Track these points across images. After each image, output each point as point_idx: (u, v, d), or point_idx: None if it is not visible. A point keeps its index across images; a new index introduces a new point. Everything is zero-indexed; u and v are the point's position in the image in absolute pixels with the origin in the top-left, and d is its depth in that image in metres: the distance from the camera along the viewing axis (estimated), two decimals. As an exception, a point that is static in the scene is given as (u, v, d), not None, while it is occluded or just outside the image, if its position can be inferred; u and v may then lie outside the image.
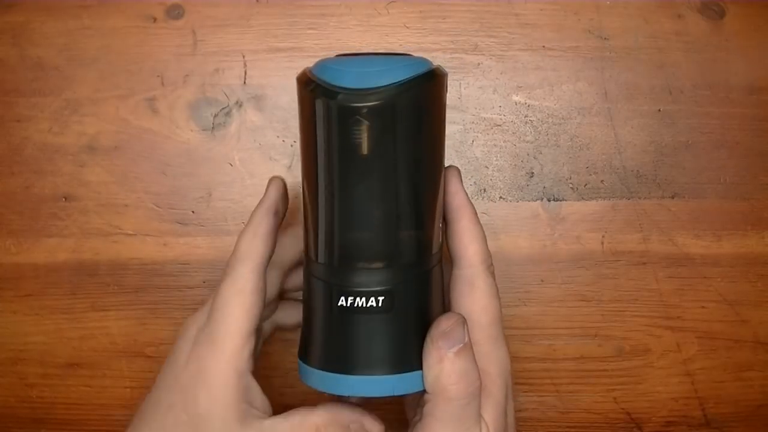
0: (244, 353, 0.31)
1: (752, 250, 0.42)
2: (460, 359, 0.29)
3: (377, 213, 0.29)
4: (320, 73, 0.28)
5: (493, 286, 0.32)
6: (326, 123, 0.28)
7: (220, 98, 0.42)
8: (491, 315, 0.31)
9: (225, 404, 0.31)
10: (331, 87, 0.28)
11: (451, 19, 0.42)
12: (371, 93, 0.27)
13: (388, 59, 0.29)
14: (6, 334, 0.42)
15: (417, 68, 0.28)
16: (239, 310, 0.31)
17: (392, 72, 0.28)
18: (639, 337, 0.42)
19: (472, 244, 0.32)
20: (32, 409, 0.42)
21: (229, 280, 0.32)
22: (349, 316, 0.29)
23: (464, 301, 0.31)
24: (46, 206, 0.42)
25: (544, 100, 0.42)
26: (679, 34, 0.42)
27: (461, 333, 0.30)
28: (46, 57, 0.42)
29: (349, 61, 0.29)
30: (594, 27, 0.42)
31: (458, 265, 0.32)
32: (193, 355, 0.32)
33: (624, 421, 0.42)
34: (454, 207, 0.32)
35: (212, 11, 0.42)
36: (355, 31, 0.42)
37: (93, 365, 0.42)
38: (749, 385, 0.42)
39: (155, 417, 0.32)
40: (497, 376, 0.31)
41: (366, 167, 0.28)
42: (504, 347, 0.32)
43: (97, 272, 0.42)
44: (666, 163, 0.42)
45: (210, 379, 0.31)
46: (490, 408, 0.31)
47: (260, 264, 0.32)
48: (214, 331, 0.31)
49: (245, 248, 0.32)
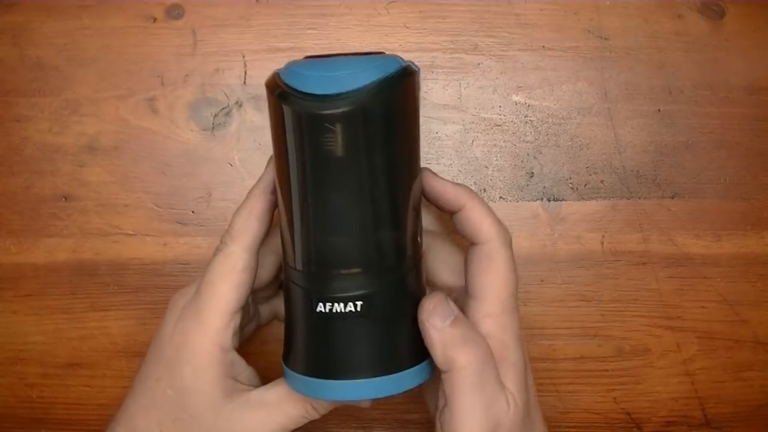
0: (228, 330, 0.32)
1: (752, 250, 0.42)
2: (458, 328, 0.29)
3: (352, 219, 0.28)
4: (288, 78, 0.28)
5: (511, 260, 0.31)
6: (296, 130, 0.28)
7: (220, 98, 0.42)
8: (510, 288, 0.31)
9: (209, 379, 0.31)
10: (299, 93, 0.27)
11: (451, 19, 0.42)
12: (339, 98, 0.27)
13: (356, 60, 0.28)
14: (6, 334, 0.42)
15: (386, 68, 0.28)
16: (227, 287, 0.31)
17: (361, 74, 0.27)
18: (639, 337, 0.42)
19: (485, 220, 0.31)
20: (32, 409, 0.42)
21: (221, 256, 0.32)
22: (328, 321, 0.29)
23: (484, 276, 0.31)
24: (46, 206, 0.42)
25: (544, 100, 0.42)
26: (679, 34, 0.42)
27: (447, 307, 0.30)
28: (46, 57, 0.42)
29: (316, 65, 0.28)
30: (594, 27, 0.42)
31: (475, 242, 0.32)
32: (179, 329, 0.32)
33: (624, 421, 0.42)
34: (450, 199, 0.32)
35: (212, 11, 0.42)
36: (355, 31, 0.42)
37: (93, 365, 0.42)
38: (749, 385, 0.42)
39: (144, 391, 0.33)
40: (516, 345, 0.31)
41: (339, 174, 0.28)
42: (518, 320, 0.32)
43: (97, 272, 0.42)
44: (666, 163, 0.42)
45: (194, 354, 0.31)
46: (512, 376, 0.30)
47: (253, 243, 0.32)
48: (201, 307, 0.32)
49: (239, 226, 0.32)
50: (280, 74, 0.28)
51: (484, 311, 0.31)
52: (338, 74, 0.27)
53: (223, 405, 0.31)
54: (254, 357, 0.41)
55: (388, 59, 0.28)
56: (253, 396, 0.32)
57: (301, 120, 0.27)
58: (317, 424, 0.34)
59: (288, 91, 0.27)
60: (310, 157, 0.28)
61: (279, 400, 0.32)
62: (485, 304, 0.31)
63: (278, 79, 0.28)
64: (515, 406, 0.30)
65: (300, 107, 0.27)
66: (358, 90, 0.27)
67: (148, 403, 0.32)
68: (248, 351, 0.41)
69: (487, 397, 0.29)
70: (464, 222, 0.32)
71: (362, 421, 0.42)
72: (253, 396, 0.32)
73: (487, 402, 0.29)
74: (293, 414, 0.32)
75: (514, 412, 0.30)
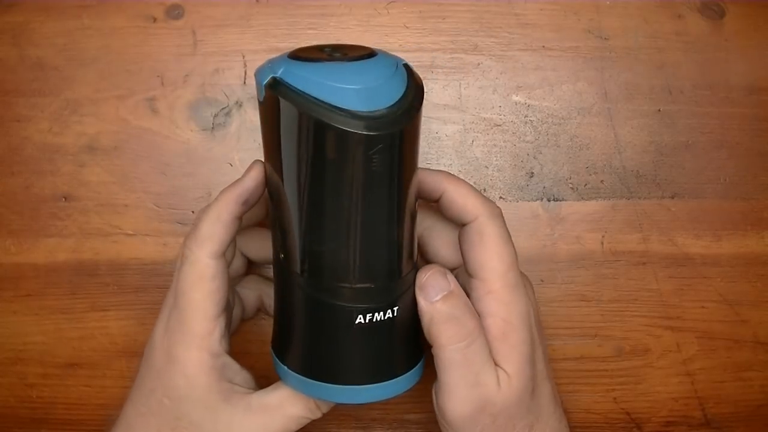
0: (215, 335, 0.31)
1: (752, 250, 0.42)
2: (446, 305, 0.29)
3: (371, 235, 0.28)
4: (303, 85, 0.25)
5: (504, 232, 0.31)
6: (323, 145, 0.26)
7: (220, 98, 0.42)
8: (507, 262, 0.30)
9: (204, 386, 0.31)
10: (334, 109, 0.25)
11: (451, 19, 0.42)
12: (381, 118, 0.25)
13: (369, 67, 0.26)
14: (6, 334, 0.42)
15: (402, 75, 0.26)
16: (201, 296, 0.31)
17: (388, 86, 0.26)
18: (639, 337, 0.42)
19: (468, 199, 0.31)
20: (32, 409, 0.42)
21: (188, 264, 0.31)
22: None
23: (476, 252, 0.31)
24: (46, 206, 0.42)
25: (544, 100, 0.42)
26: (679, 34, 0.42)
27: (442, 281, 0.30)
28: (46, 57, 0.42)
29: (328, 69, 0.26)
30: (594, 27, 0.42)
31: (464, 222, 0.31)
32: (165, 339, 0.32)
33: (624, 421, 0.42)
34: (430, 187, 0.31)
35: (212, 11, 0.42)
36: (355, 31, 0.42)
37: (93, 365, 0.42)
38: (749, 385, 0.42)
39: (141, 399, 0.32)
40: (518, 324, 0.30)
41: (367, 190, 0.27)
42: (524, 294, 0.31)
43: (97, 272, 0.41)
44: (666, 163, 0.42)
45: (184, 364, 0.31)
46: (510, 355, 0.30)
47: (219, 250, 0.31)
48: (182, 316, 0.31)
49: (206, 231, 0.31)
50: (282, 77, 0.26)
51: (485, 289, 0.30)
52: (372, 86, 0.25)
53: (222, 410, 0.31)
54: (254, 357, 0.41)
55: (390, 60, 0.27)
56: (254, 400, 0.32)
57: (334, 137, 0.25)
58: (317, 424, 0.34)
59: (312, 102, 0.25)
60: (344, 174, 0.26)
61: (280, 403, 0.32)
62: (485, 282, 0.30)
63: (287, 86, 0.26)
64: (509, 386, 0.30)
65: (342, 124, 0.25)
66: (394, 106, 0.25)
67: (146, 410, 0.32)
68: (248, 351, 0.41)
69: (472, 376, 0.29)
70: (448, 205, 0.31)
71: (362, 420, 0.42)
72: (254, 400, 0.32)
73: (473, 380, 0.29)
74: (295, 415, 0.32)
75: (507, 392, 0.30)
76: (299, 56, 0.27)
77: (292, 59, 0.27)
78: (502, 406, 0.30)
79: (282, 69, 0.27)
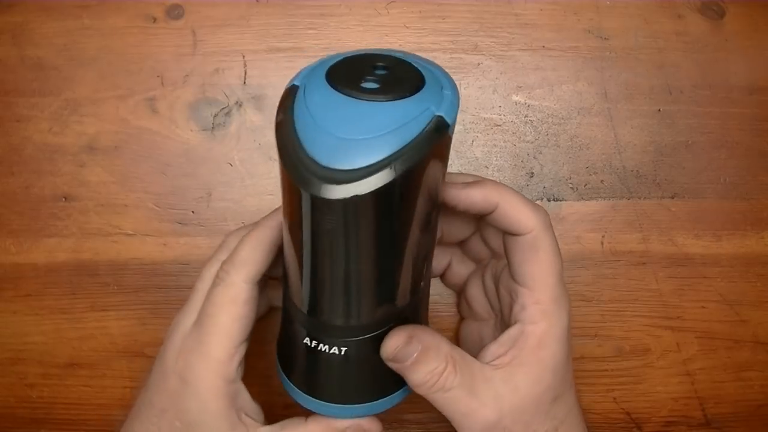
0: (233, 362, 0.31)
1: (752, 250, 0.42)
2: (416, 372, 0.29)
3: (360, 285, 0.27)
4: (299, 108, 0.23)
5: (555, 244, 0.31)
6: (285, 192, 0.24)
7: (220, 98, 0.42)
8: (556, 274, 0.31)
9: (216, 413, 0.31)
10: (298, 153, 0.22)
11: (451, 19, 0.42)
12: (338, 179, 0.21)
13: (391, 110, 0.22)
14: (6, 334, 0.42)
15: (418, 125, 0.22)
16: (230, 320, 0.30)
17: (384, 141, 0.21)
18: (639, 337, 0.42)
19: (522, 212, 0.30)
20: (32, 409, 0.42)
21: (222, 287, 0.30)
22: (326, 360, 0.30)
23: (530, 265, 0.31)
24: (46, 206, 0.42)
25: (544, 100, 0.42)
26: (679, 34, 0.42)
27: (407, 351, 0.30)
28: (46, 57, 0.42)
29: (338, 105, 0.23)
30: (594, 27, 0.42)
31: (516, 234, 0.31)
32: (182, 359, 0.31)
33: (624, 421, 0.42)
34: (481, 206, 0.30)
35: (212, 11, 0.42)
36: (355, 31, 0.42)
37: (93, 365, 0.42)
38: (749, 385, 0.42)
39: (150, 419, 0.32)
40: (559, 334, 0.31)
41: (355, 245, 0.24)
42: (566, 306, 0.31)
43: (97, 272, 0.41)
44: (666, 163, 0.42)
45: (199, 388, 0.30)
46: (537, 363, 0.31)
47: (257, 275, 0.31)
48: (204, 338, 0.30)
49: (245, 256, 0.30)
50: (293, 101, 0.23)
51: (533, 298, 0.31)
52: (356, 138, 0.21)
53: None
54: (254, 357, 0.41)
55: (422, 105, 0.23)
56: None
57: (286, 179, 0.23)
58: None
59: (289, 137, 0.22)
60: (304, 227, 0.24)
61: None
62: (534, 292, 0.31)
63: (290, 112, 0.23)
64: (528, 391, 0.30)
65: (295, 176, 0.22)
66: (372, 166, 0.21)
67: (156, 430, 0.32)
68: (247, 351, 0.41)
69: (464, 406, 0.30)
70: (501, 219, 0.31)
71: (362, 421, 0.42)
72: None
73: (465, 410, 0.30)
74: None
75: (519, 399, 0.30)
76: (336, 72, 0.24)
77: (328, 74, 0.24)
78: (515, 413, 0.30)
79: (304, 85, 0.24)
